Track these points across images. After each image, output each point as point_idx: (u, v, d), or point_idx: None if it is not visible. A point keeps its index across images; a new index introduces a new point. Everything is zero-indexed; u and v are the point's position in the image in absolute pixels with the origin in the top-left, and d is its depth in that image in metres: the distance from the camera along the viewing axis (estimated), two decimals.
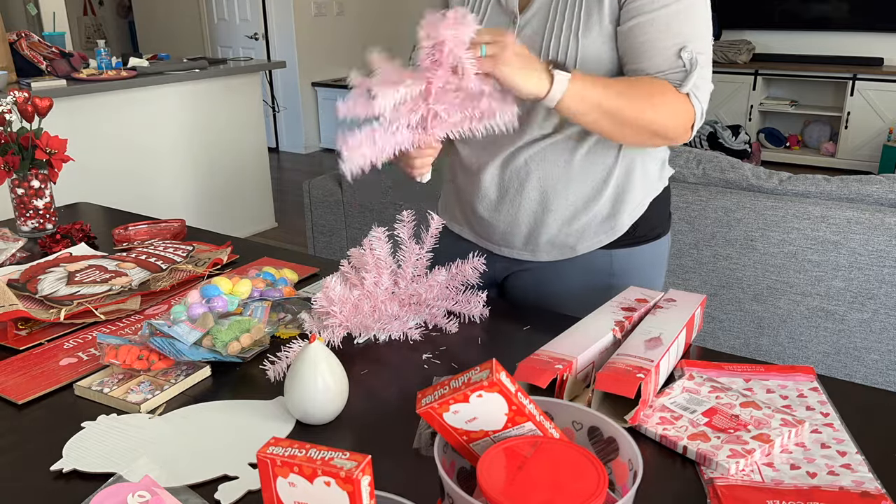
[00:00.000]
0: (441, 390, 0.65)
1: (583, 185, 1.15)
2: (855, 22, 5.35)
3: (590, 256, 1.20)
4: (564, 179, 1.15)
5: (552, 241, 1.19)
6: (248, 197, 4.17)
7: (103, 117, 3.38)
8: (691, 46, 1.02)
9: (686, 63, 1.02)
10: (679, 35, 1.02)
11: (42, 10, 4.62)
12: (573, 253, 1.20)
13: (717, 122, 5.06)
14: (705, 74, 1.04)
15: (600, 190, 1.16)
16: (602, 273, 1.21)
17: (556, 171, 1.14)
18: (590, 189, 1.16)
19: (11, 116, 1.48)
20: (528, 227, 1.19)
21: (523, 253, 1.22)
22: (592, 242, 1.19)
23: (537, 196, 1.16)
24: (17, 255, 1.40)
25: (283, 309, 1.12)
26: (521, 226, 1.19)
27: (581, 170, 1.14)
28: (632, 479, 0.63)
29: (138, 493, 0.69)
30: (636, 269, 1.22)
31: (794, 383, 0.94)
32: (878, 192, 1.95)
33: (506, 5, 1.12)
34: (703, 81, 1.04)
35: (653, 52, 1.03)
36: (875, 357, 2.00)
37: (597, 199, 1.16)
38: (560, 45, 1.06)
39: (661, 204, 1.22)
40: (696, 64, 1.02)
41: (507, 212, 1.19)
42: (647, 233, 1.21)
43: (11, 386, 0.96)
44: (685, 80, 1.02)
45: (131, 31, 7.51)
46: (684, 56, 1.02)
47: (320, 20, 6.26)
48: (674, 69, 1.03)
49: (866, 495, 0.72)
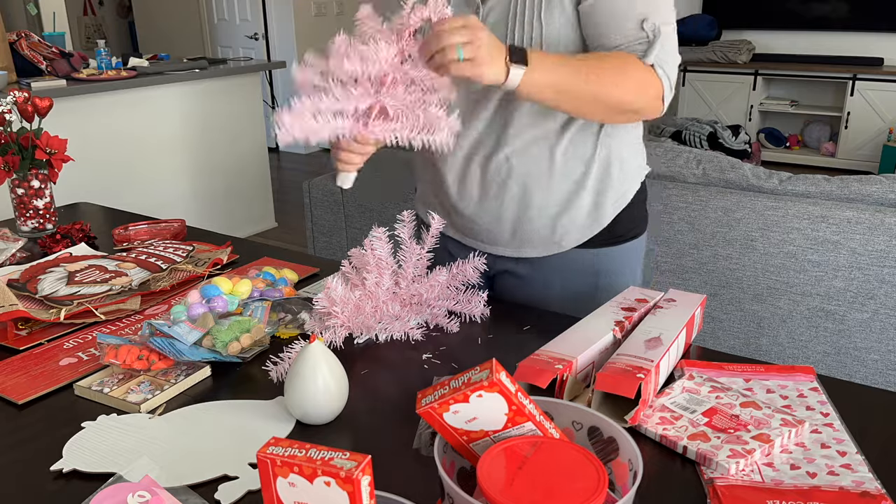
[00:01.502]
0: (441, 390, 0.65)
1: (564, 179, 1.16)
2: (855, 22, 5.35)
3: (574, 256, 1.21)
4: (547, 174, 1.15)
5: (537, 236, 1.20)
6: (248, 197, 4.16)
7: (103, 117, 3.39)
8: (653, 18, 1.02)
9: (648, 34, 1.02)
10: (640, 6, 1.02)
11: (42, 10, 4.62)
12: (559, 248, 1.21)
13: (717, 122, 5.06)
14: (669, 47, 1.05)
15: (582, 182, 1.17)
16: (587, 272, 1.22)
17: (537, 166, 1.15)
18: (572, 182, 1.17)
19: (11, 116, 1.48)
20: (512, 223, 1.19)
21: (507, 249, 1.23)
22: (577, 237, 1.20)
23: (520, 192, 1.17)
24: (17, 255, 1.40)
25: (283, 309, 1.12)
26: (505, 222, 1.20)
27: (562, 163, 1.15)
28: (632, 479, 0.63)
29: (138, 493, 0.69)
30: (618, 267, 1.24)
31: (794, 383, 0.94)
32: (878, 192, 1.95)
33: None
34: (668, 54, 1.05)
35: (614, 26, 1.03)
36: (875, 357, 2.00)
37: (579, 192, 1.17)
38: (524, 30, 1.06)
39: (638, 203, 1.24)
40: (660, 34, 1.02)
41: (490, 209, 1.19)
42: (627, 232, 1.23)
43: (11, 386, 0.96)
44: (648, 51, 1.03)
45: (131, 31, 7.51)
46: (646, 27, 1.02)
47: (320, 20, 6.26)
48: (637, 40, 1.03)
49: (866, 495, 0.72)
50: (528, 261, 1.23)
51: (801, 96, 5.70)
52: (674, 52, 1.06)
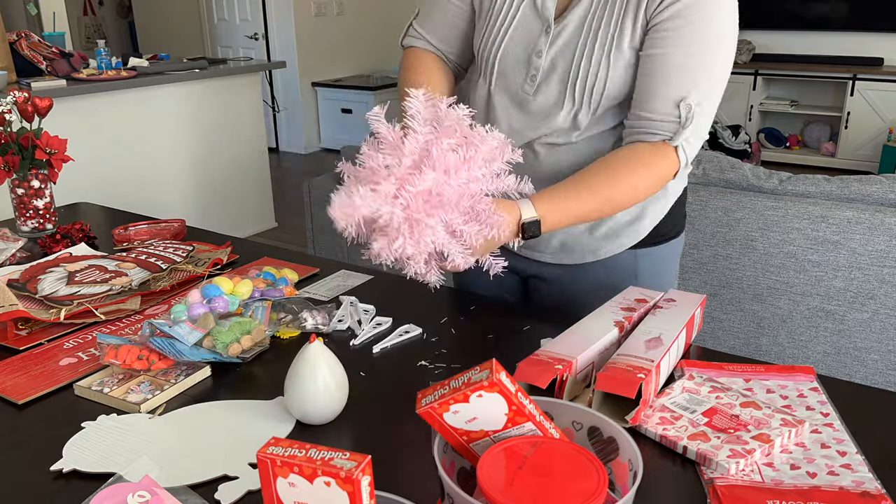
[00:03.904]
0: (441, 390, 0.65)
1: None
2: (855, 22, 5.35)
3: (613, 258, 1.19)
4: None
5: (576, 246, 1.19)
6: (248, 197, 4.16)
7: (103, 117, 3.38)
8: (695, 95, 0.99)
9: (683, 116, 0.99)
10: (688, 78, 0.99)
11: (42, 10, 4.62)
12: (595, 257, 1.19)
13: (717, 122, 5.06)
14: (702, 124, 1.02)
15: None
16: (627, 273, 1.20)
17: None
18: None
19: (11, 116, 1.48)
20: (551, 234, 1.17)
21: (545, 256, 1.21)
22: (615, 246, 1.18)
23: None
24: (17, 255, 1.40)
25: (283, 309, 1.12)
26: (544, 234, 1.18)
27: None
28: (632, 479, 0.63)
29: (138, 493, 0.69)
30: (658, 267, 1.22)
31: (794, 383, 0.94)
32: (878, 192, 1.95)
33: (541, 11, 1.08)
34: (696, 133, 1.02)
35: (653, 94, 1.01)
36: (875, 357, 2.00)
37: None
38: (591, 66, 1.04)
39: (680, 203, 1.23)
40: (693, 117, 0.99)
41: None
42: (668, 231, 1.22)
43: (11, 386, 0.96)
44: (676, 135, 1.01)
45: (131, 31, 7.51)
46: (682, 108, 0.99)
47: (320, 20, 6.26)
48: (668, 118, 1.01)
49: (866, 495, 0.72)
50: (566, 266, 1.22)
51: (801, 96, 5.70)
52: (704, 130, 1.03)
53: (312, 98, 6.40)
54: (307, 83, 6.31)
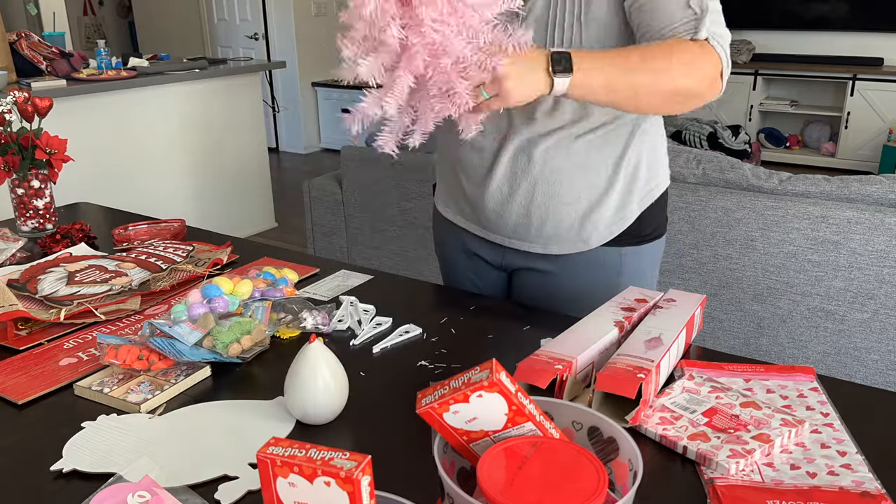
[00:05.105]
0: (441, 390, 0.65)
1: (595, 176, 1.16)
2: (855, 22, 5.35)
3: (600, 254, 1.21)
4: (578, 171, 1.15)
5: (565, 232, 1.19)
6: (248, 197, 4.16)
7: (103, 117, 3.38)
8: None
9: (696, 10, 0.99)
10: None
11: (42, 10, 4.62)
12: (585, 246, 1.20)
13: (717, 122, 5.06)
14: (718, 19, 1.01)
15: (612, 179, 1.16)
16: (611, 271, 1.22)
17: (569, 162, 1.14)
18: (603, 179, 1.16)
19: (11, 116, 1.48)
20: (541, 219, 1.19)
21: (535, 245, 1.22)
22: (604, 234, 1.20)
23: (550, 189, 1.16)
24: (17, 255, 1.40)
25: (283, 309, 1.12)
26: (533, 218, 1.19)
27: (593, 160, 1.15)
28: (632, 479, 0.63)
29: (138, 493, 0.69)
30: (640, 267, 1.24)
31: (794, 383, 0.94)
32: (878, 192, 1.95)
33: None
34: (719, 26, 1.01)
35: (661, 10, 1.00)
36: (875, 357, 2.00)
37: (609, 189, 1.17)
38: (564, 32, 1.06)
39: (662, 202, 1.25)
40: (707, 9, 0.99)
41: (519, 204, 1.19)
42: (652, 231, 1.23)
43: (11, 386, 0.96)
44: (699, 27, 0.99)
45: (131, 31, 7.51)
46: (693, 4, 0.99)
47: (320, 20, 6.26)
48: (685, 20, 1.00)
49: (866, 495, 0.72)
50: (554, 258, 1.23)
51: (801, 96, 5.70)
52: (722, 24, 1.02)
53: (312, 98, 6.40)
54: (307, 83, 6.31)
